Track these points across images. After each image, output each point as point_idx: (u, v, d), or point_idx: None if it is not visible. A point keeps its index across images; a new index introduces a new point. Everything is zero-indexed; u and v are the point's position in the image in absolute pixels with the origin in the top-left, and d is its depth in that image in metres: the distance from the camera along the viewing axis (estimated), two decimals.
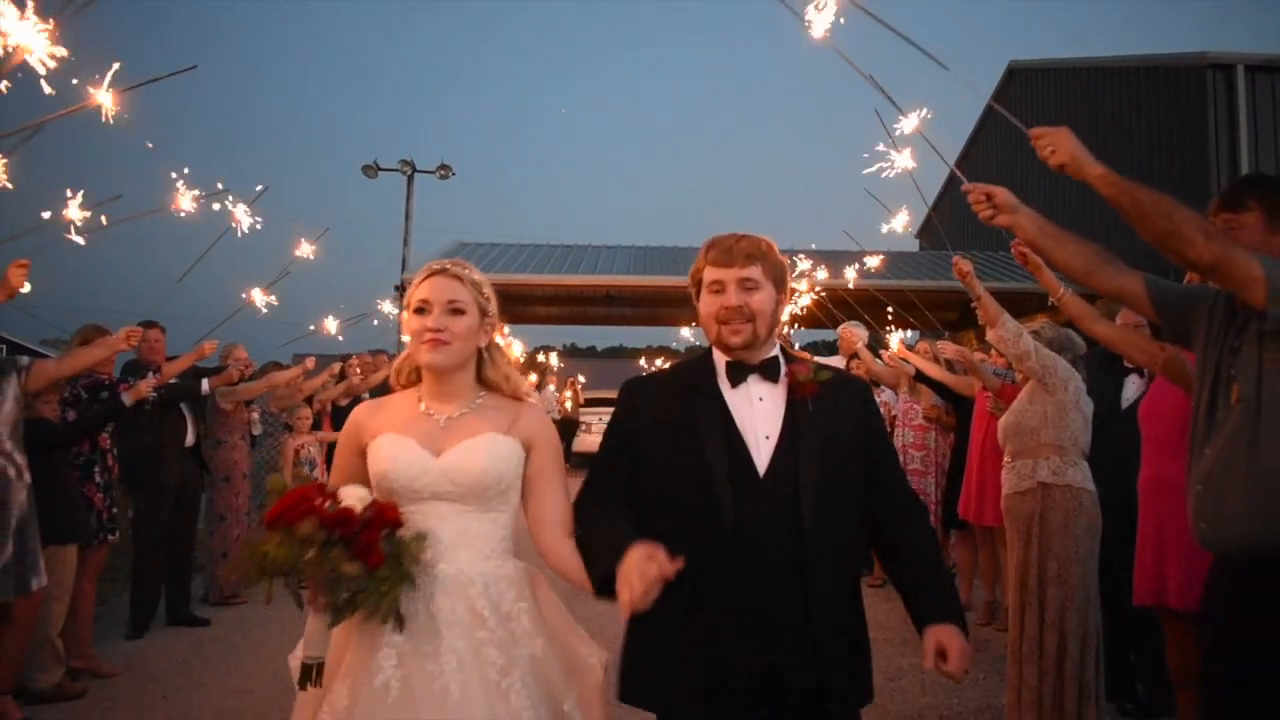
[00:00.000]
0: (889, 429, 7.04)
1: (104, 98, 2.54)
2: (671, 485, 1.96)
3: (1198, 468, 2.24)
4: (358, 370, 7.88)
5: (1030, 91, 18.82)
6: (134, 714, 4.26)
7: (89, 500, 4.72)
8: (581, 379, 22.45)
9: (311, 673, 1.81)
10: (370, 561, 1.75)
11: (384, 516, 1.81)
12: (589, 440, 17.16)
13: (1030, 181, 18.64)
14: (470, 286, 2.03)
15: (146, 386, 4.67)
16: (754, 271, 1.98)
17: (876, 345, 8.49)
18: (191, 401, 5.93)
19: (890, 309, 8.18)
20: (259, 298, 4.59)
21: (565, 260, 17.77)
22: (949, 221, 23.57)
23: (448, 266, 2.03)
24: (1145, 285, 2.40)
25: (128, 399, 4.57)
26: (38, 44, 2.24)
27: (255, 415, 6.58)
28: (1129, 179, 2.18)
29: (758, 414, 1.97)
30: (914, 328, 13.59)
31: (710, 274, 2.01)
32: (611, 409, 2.13)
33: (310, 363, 6.81)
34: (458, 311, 2.00)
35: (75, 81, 2.51)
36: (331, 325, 7.24)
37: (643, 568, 1.66)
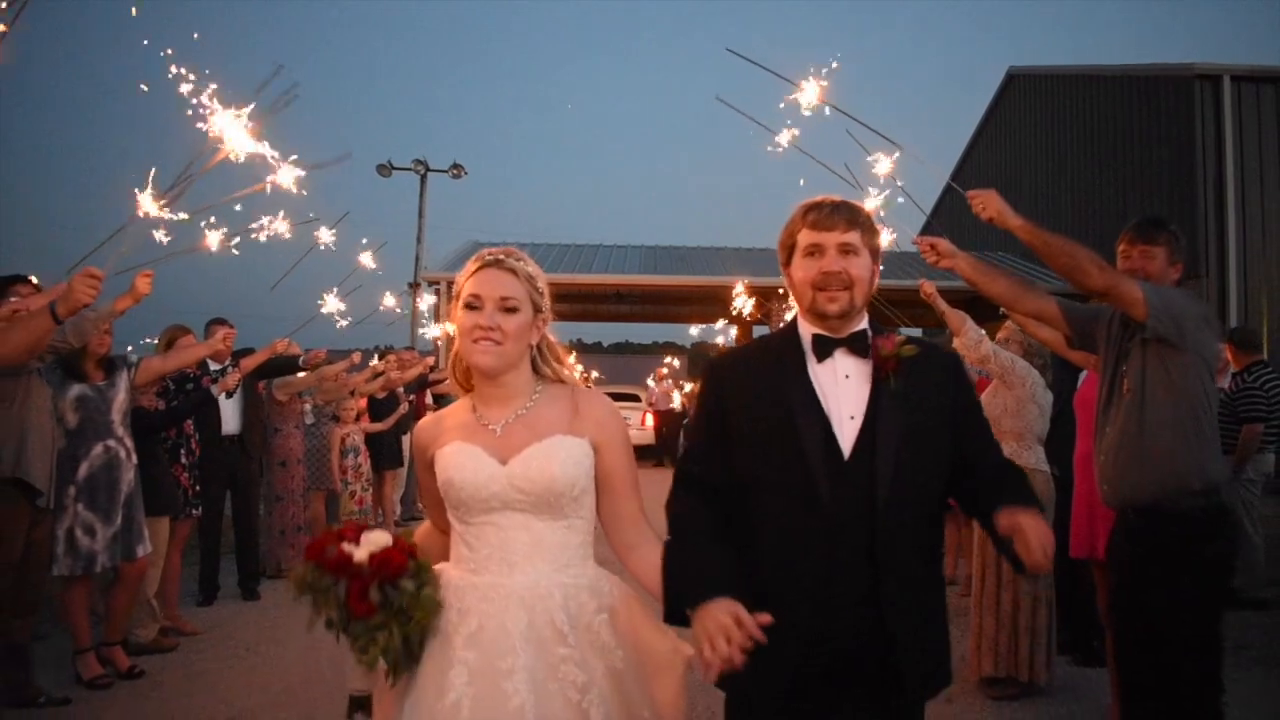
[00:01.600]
0: None
1: (286, 176, 3.12)
2: (761, 466, 1.87)
3: (1101, 443, 2.91)
4: (394, 365, 8.53)
5: (1028, 96, 19.38)
6: (222, 663, 4.93)
7: (176, 479, 5.39)
8: (594, 374, 23.05)
9: (356, 707, 1.84)
10: (357, 610, 1.73)
11: (384, 569, 1.75)
12: None
13: (1024, 186, 19.28)
14: (524, 280, 1.91)
15: (234, 380, 5.35)
16: (854, 237, 1.89)
17: None
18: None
19: (891, 307, 8.77)
20: (333, 304, 5.23)
21: (577, 259, 18.41)
22: (949, 223, 24.17)
23: (501, 258, 1.91)
24: (1059, 306, 3.05)
25: (217, 390, 5.24)
26: (242, 141, 2.83)
27: (308, 406, 7.26)
28: (1041, 226, 2.82)
29: (842, 392, 1.87)
30: (916, 325, 14.19)
31: (807, 237, 1.91)
32: (618, 404, 2.25)
33: (356, 357, 7.47)
34: (511, 309, 1.87)
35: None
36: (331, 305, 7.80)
37: (729, 632, 1.58)
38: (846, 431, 1.83)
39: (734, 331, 16.72)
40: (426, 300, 10.38)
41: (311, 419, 7.44)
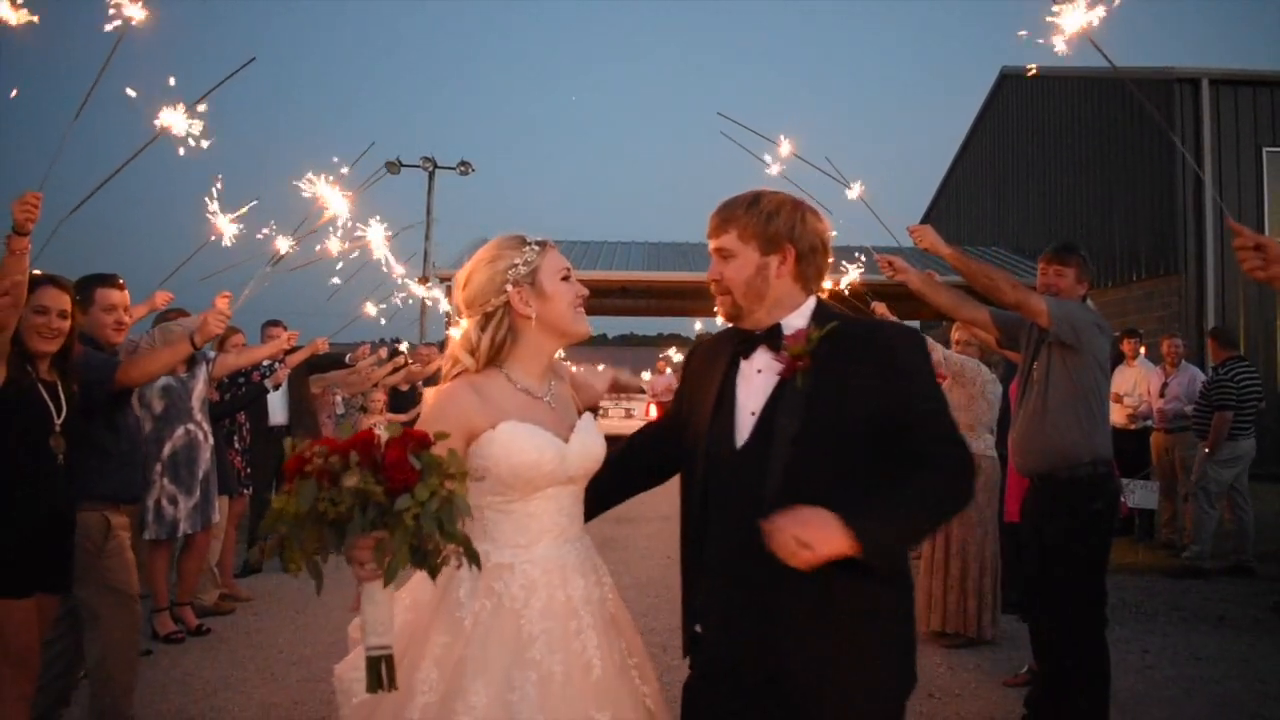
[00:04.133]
0: None
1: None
2: (683, 456, 1.96)
3: (1017, 424, 3.63)
4: (413, 359, 9.22)
5: (1020, 95, 19.93)
6: (276, 622, 5.64)
7: (230, 462, 6.09)
8: (601, 367, 23.62)
9: (381, 667, 1.60)
10: (399, 478, 1.52)
11: (411, 435, 1.59)
12: (604, 425, 18.46)
13: (1015, 181, 19.89)
14: None
15: (283, 374, 6.05)
16: (726, 240, 1.86)
17: None
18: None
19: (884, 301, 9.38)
20: (372, 309, 5.91)
21: (583, 255, 19.04)
22: (945, 227, 24.81)
23: (548, 240, 2.05)
24: (990, 314, 3.74)
25: (269, 384, 5.95)
26: (341, 205, 3.47)
27: (338, 398, 7.97)
28: (966, 255, 3.52)
29: (752, 387, 1.85)
30: (910, 318, 14.83)
31: None
32: (624, 395, 2.55)
33: (383, 352, 8.17)
34: None
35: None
36: (371, 310, 8.55)
37: None
38: (744, 427, 1.82)
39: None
40: (443, 302, 11.00)
41: (342, 409, 8.16)
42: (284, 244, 3.98)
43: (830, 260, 1.92)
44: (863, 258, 5.39)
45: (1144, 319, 14.75)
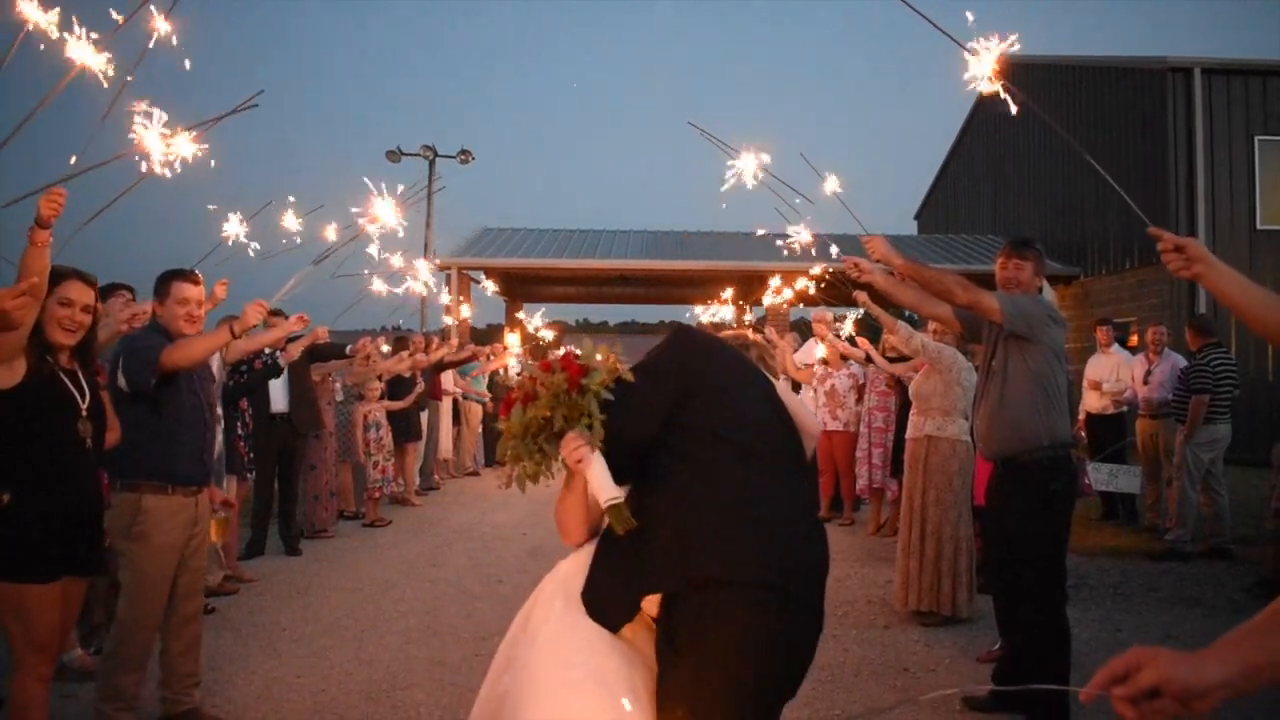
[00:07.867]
0: (858, 397, 8.46)
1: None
2: None
3: (979, 412, 3.77)
4: (420, 346, 9.38)
5: (1015, 84, 19.96)
6: (279, 603, 5.83)
7: (234, 446, 6.26)
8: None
9: (622, 510, 2.01)
10: (576, 375, 2.08)
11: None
12: None
13: (1010, 171, 19.98)
14: None
15: (295, 350, 6.24)
16: None
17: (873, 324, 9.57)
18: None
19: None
20: (381, 286, 6.03)
21: (583, 244, 19.20)
22: (941, 219, 24.88)
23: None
24: (952, 310, 3.89)
25: (283, 361, 6.17)
26: (389, 217, 3.56)
27: (338, 385, 8.12)
28: (918, 263, 3.67)
29: None
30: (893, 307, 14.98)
31: None
32: None
33: (381, 341, 8.33)
34: None
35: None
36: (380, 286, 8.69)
37: None
38: None
39: (724, 313, 17.48)
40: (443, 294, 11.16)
41: (341, 396, 8.32)
42: (296, 225, 4.06)
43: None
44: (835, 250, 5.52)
45: (1136, 307, 14.90)
